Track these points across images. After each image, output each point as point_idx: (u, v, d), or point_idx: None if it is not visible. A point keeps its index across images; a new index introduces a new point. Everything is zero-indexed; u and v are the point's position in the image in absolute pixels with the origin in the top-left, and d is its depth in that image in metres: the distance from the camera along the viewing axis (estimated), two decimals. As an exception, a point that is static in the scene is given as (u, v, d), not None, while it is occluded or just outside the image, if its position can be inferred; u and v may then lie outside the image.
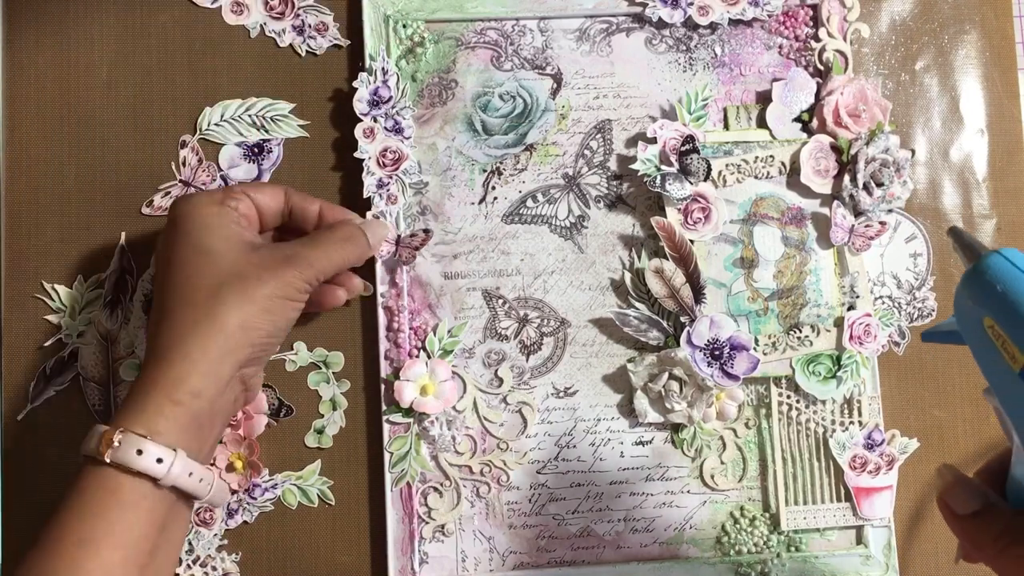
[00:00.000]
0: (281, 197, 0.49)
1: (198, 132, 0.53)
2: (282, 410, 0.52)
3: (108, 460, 0.40)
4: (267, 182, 0.51)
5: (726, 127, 0.55)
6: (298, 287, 0.45)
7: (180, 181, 0.53)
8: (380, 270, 0.53)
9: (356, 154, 0.52)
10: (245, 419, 0.51)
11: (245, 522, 0.52)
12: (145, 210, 0.53)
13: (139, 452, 0.40)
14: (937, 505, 0.38)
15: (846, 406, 0.54)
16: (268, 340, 0.45)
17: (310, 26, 0.54)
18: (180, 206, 0.46)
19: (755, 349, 0.53)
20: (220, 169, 0.53)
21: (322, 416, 0.53)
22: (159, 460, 0.40)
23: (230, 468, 0.51)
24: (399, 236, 0.52)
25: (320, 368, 0.53)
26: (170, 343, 0.42)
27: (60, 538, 0.39)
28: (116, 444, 0.40)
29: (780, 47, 0.56)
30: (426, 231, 0.52)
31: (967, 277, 0.35)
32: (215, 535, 0.51)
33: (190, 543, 0.51)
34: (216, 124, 0.53)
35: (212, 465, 0.50)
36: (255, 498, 0.52)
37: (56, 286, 0.52)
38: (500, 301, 0.54)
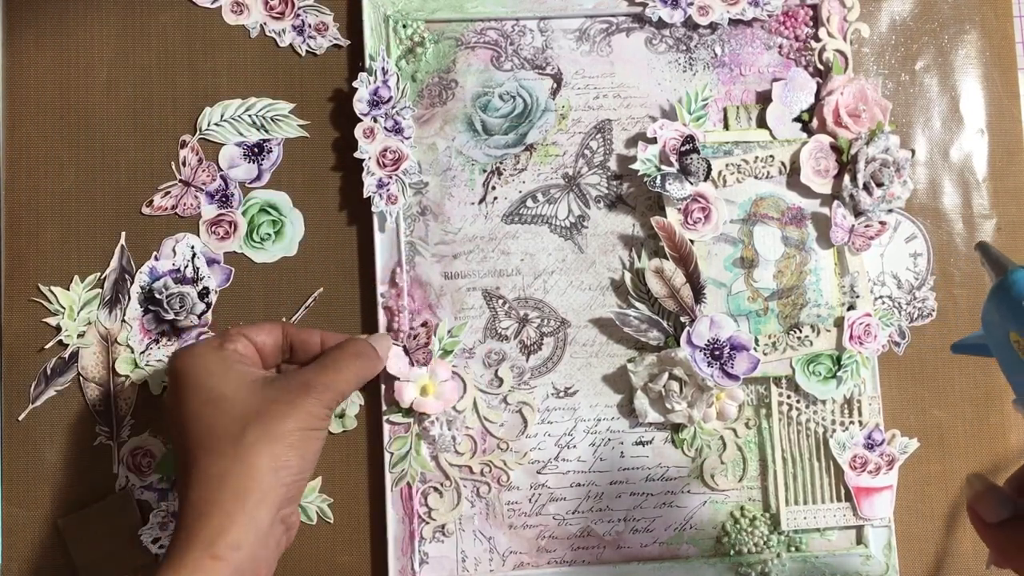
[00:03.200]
0: (278, 333, 0.48)
1: (198, 132, 0.53)
2: None
3: None
4: (264, 322, 0.49)
5: (726, 127, 0.55)
6: (319, 415, 0.44)
7: (180, 181, 0.53)
8: (380, 270, 0.53)
9: (356, 154, 0.52)
10: None
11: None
12: (145, 210, 0.53)
13: None
14: (967, 513, 0.38)
15: (846, 406, 0.54)
16: (298, 478, 0.43)
17: (310, 26, 0.54)
18: (180, 360, 0.44)
19: (755, 349, 0.53)
20: (220, 169, 0.53)
21: None
22: None
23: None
24: (404, 346, 0.52)
25: None
26: (202, 497, 0.41)
27: None
28: None
29: (780, 47, 0.56)
30: (424, 325, 0.53)
31: (994, 292, 0.35)
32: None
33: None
34: (216, 124, 0.53)
35: None
36: None
37: (55, 287, 0.52)
38: (500, 301, 0.54)
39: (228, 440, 0.41)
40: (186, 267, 0.52)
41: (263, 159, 0.53)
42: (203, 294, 0.52)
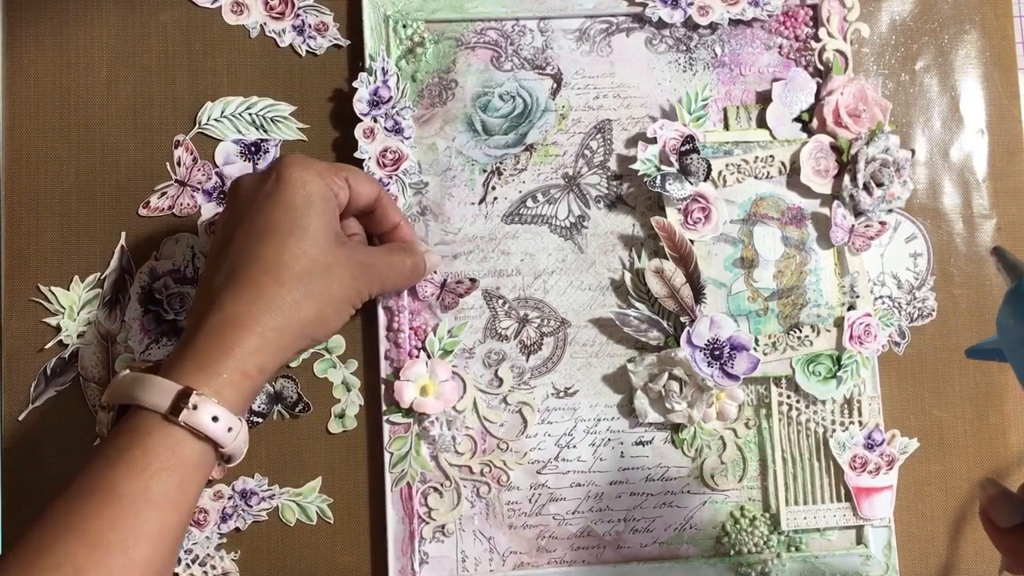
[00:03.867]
0: (375, 195, 0.48)
1: (197, 126, 0.53)
2: (299, 404, 0.52)
3: (183, 423, 0.39)
4: (368, 174, 0.50)
5: (726, 127, 0.55)
6: (363, 297, 0.46)
7: (176, 181, 0.53)
8: (380, 270, 0.53)
9: (356, 154, 0.52)
10: None
11: (237, 528, 0.52)
12: (142, 211, 0.53)
13: (214, 419, 0.39)
14: (980, 518, 0.39)
15: (846, 406, 0.54)
16: (325, 336, 0.45)
17: (310, 26, 0.54)
18: (291, 170, 0.44)
19: (755, 349, 0.53)
20: (215, 166, 0.53)
21: (339, 400, 0.53)
22: (229, 429, 0.40)
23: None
24: (445, 280, 0.53)
25: (324, 355, 0.53)
26: (250, 313, 0.41)
27: (116, 490, 0.37)
28: (192, 407, 0.39)
29: (780, 47, 0.56)
30: (472, 280, 0.53)
31: (1010, 296, 0.35)
32: (206, 537, 0.51)
33: (189, 542, 0.51)
34: (216, 119, 0.53)
35: None
36: (251, 505, 0.52)
37: (55, 287, 0.52)
38: (500, 301, 0.54)
39: (294, 275, 0.42)
40: (186, 267, 0.52)
41: (259, 158, 0.53)
42: (203, 294, 0.52)
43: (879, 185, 0.54)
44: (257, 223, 0.43)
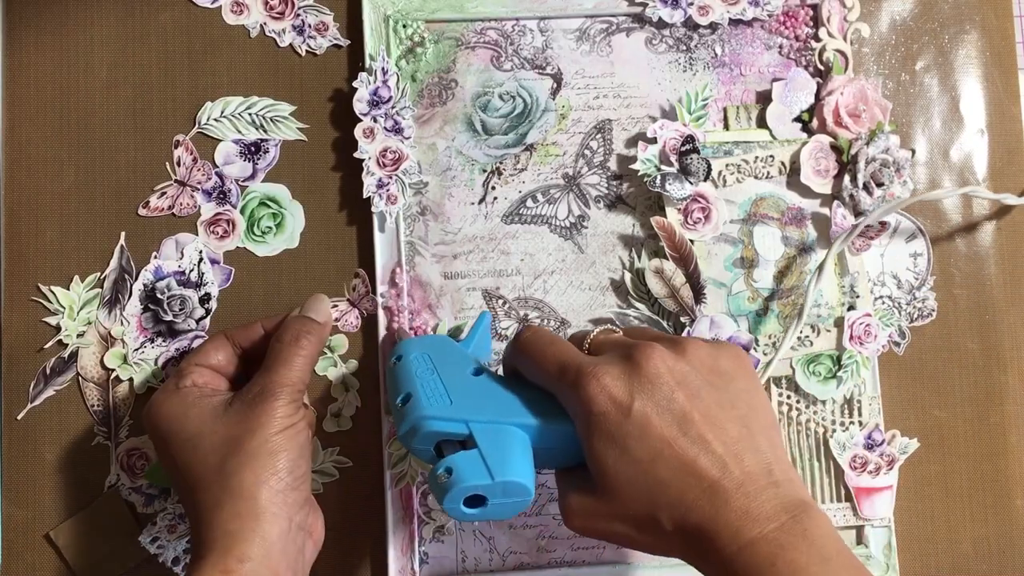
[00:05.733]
0: (225, 344, 0.49)
1: (197, 125, 0.53)
2: None
3: None
4: (208, 341, 0.49)
5: (726, 127, 0.55)
6: (287, 413, 0.44)
7: (176, 181, 0.53)
8: (380, 270, 0.53)
9: (356, 154, 0.52)
10: None
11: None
12: (142, 211, 0.53)
13: None
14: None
15: (846, 406, 0.54)
16: (292, 478, 0.43)
17: (310, 26, 0.54)
18: (148, 416, 0.46)
19: (755, 349, 0.53)
20: (215, 166, 0.53)
21: (336, 400, 0.53)
22: None
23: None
24: (348, 299, 0.53)
25: (327, 353, 0.53)
26: (206, 523, 0.42)
27: None
28: None
29: (780, 47, 0.56)
30: (356, 274, 0.53)
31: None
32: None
33: (188, 542, 0.51)
34: (216, 119, 0.53)
35: None
36: None
37: (55, 287, 0.52)
38: (500, 301, 0.54)
39: (211, 474, 0.43)
40: (191, 270, 0.52)
41: (259, 158, 0.53)
42: (204, 299, 0.52)
43: (879, 185, 0.54)
44: (169, 468, 0.45)
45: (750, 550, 0.35)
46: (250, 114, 0.54)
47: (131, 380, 0.52)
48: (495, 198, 0.54)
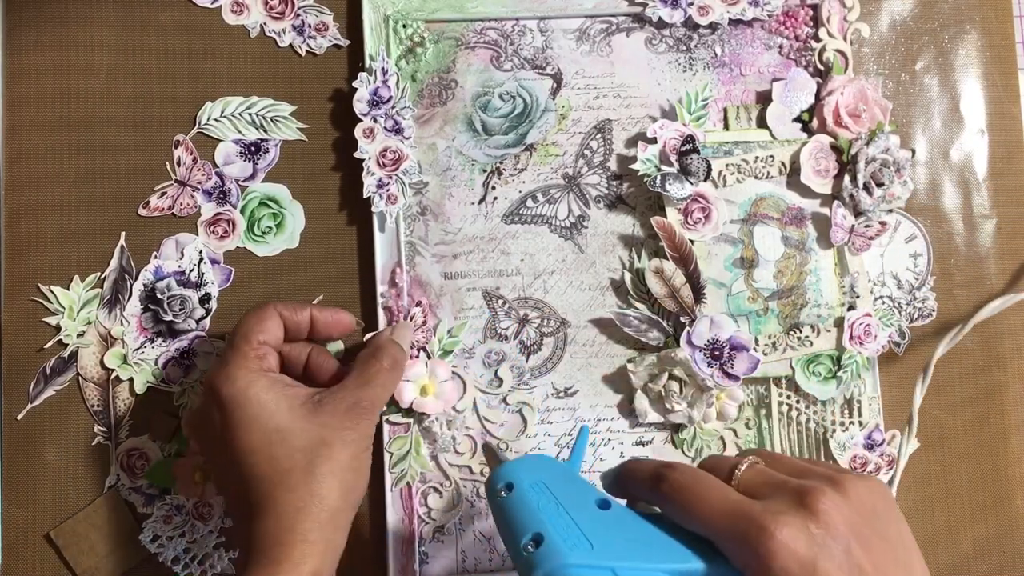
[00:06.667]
0: (279, 321, 0.47)
1: (197, 125, 0.53)
2: None
3: None
4: (261, 311, 0.47)
5: (726, 127, 0.55)
6: (371, 433, 0.45)
7: (176, 181, 0.53)
8: (380, 270, 0.53)
9: (356, 154, 0.52)
10: None
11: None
12: (142, 211, 0.53)
13: None
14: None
15: (846, 406, 0.54)
16: (362, 494, 0.45)
17: (310, 26, 0.54)
18: (223, 389, 0.44)
19: (755, 349, 0.53)
20: (216, 166, 0.53)
21: None
22: None
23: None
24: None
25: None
26: (282, 526, 0.41)
27: None
28: None
29: (780, 47, 0.56)
30: (418, 303, 0.53)
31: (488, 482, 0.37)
32: (210, 531, 0.51)
33: (188, 542, 0.51)
34: (216, 119, 0.53)
35: None
36: None
37: (55, 287, 0.52)
38: (500, 301, 0.54)
39: (298, 474, 0.42)
40: (191, 270, 0.52)
41: (259, 158, 0.53)
42: (204, 299, 0.52)
43: (879, 185, 0.54)
44: (234, 447, 0.43)
45: None
46: (250, 114, 0.54)
47: (131, 380, 0.52)
48: (495, 198, 0.54)
